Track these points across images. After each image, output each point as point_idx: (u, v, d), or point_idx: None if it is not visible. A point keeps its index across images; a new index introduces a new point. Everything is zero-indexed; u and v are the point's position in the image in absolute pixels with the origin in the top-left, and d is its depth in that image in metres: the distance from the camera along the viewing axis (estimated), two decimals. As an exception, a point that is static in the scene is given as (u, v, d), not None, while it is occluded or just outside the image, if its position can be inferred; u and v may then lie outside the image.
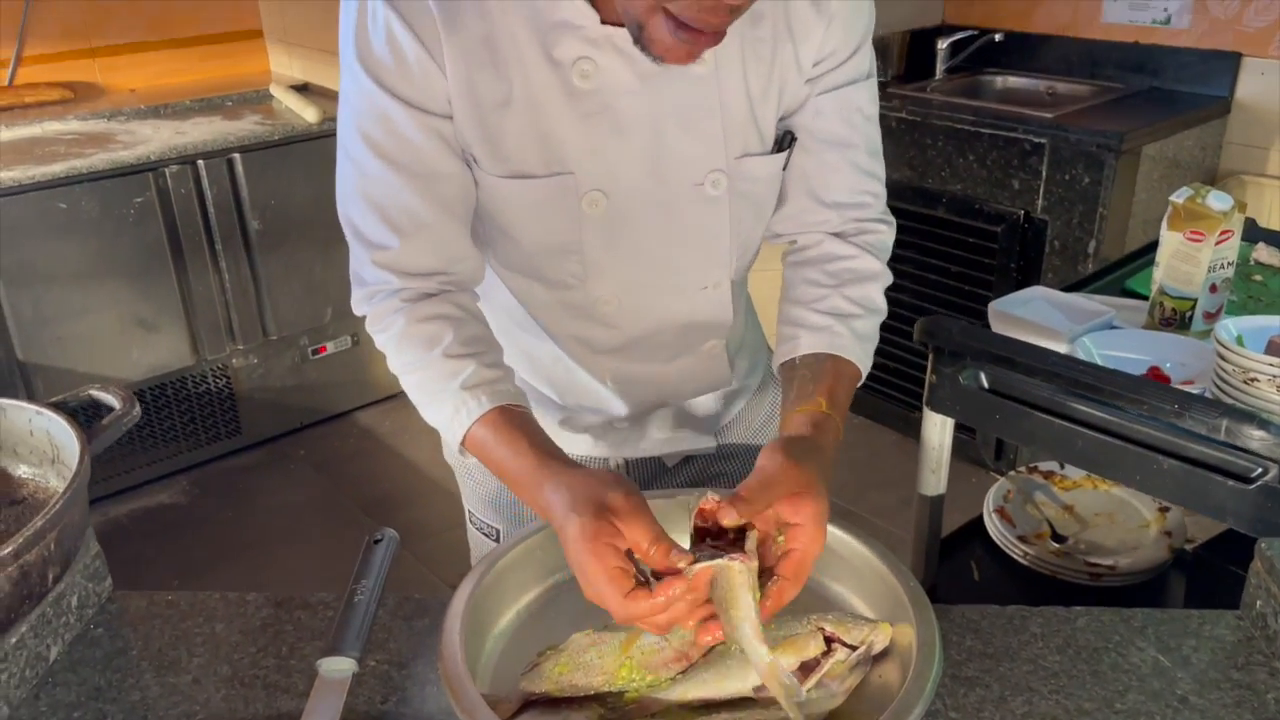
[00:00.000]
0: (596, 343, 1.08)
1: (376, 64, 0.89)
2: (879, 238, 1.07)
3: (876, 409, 3.11)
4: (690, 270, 1.04)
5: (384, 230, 0.94)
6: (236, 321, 2.96)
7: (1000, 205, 2.57)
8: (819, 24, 0.96)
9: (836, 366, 0.97)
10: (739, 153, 0.98)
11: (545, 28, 0.89)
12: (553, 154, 0.94)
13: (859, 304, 1.01)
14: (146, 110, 3.03)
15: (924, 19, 3.09)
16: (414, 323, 0.94)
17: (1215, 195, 1.43)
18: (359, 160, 0.93)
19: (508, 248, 1.03)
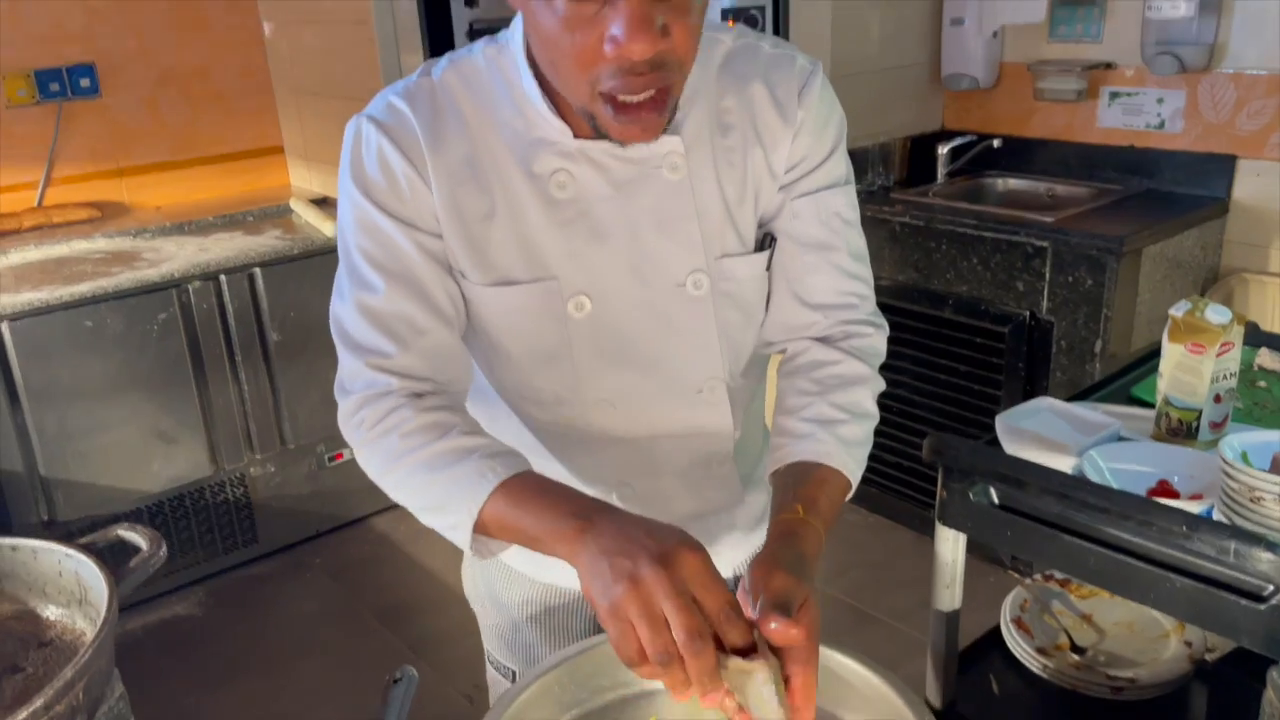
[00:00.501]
0: (599, 460, 1.10)
1: (370, 184, 0.96)
2: (867, 341, 1.08)
3: (892, 508, 3.11)
4: (681, 373, 1.05)
5: (379, 338, 0.97)
6: (255, 431, 3.00)
7: (1006, 306, 2.61)
8: (786, 132, 1.02)
9: (820, 474, 0.97)
10: (718, 253, 1.02)
11: (524, 145, 0.96)
12: (535, 260, 0.98)
13: (845, 409, 1.02)
14: (171, 227, 3.12)
15: (924, 125, 3.18)
16: (421, 413, 0.94)
17: (1213, 309, 1.46)
18: (357, 273, 0.98)
19: (502, 368, 1.05)
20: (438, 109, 0.97)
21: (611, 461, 1.10)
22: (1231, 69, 2.57)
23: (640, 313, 1.01)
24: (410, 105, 0.96)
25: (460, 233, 0.97)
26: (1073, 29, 2.85)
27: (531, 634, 1.19)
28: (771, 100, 1.01)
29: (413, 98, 0.97)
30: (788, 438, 1.00)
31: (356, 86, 3.03)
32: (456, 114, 0.97)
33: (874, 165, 3.02)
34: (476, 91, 0.98)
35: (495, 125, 0.97)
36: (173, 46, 3.29)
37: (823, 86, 1.04)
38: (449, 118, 0.97)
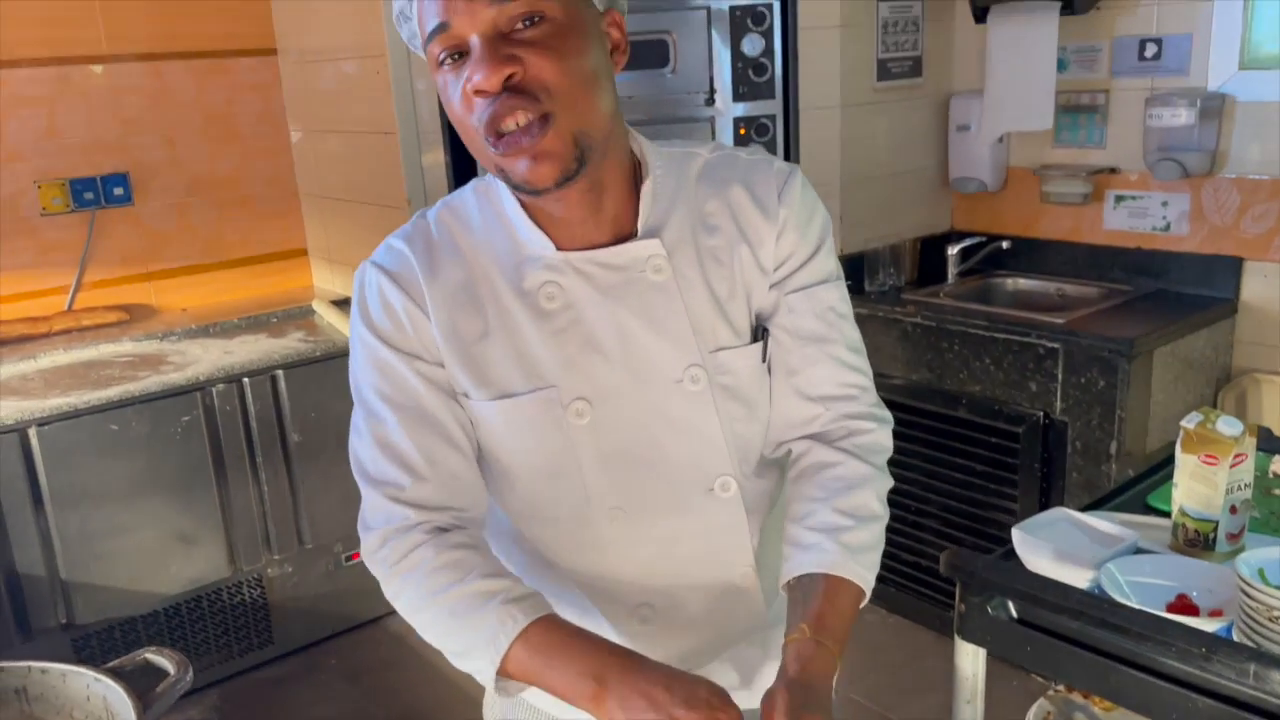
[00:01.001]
0: (616, 573, 1.10)
1: (375, 323, 1.02)
2: (870, 438, 1.09)
3: (912, 609, 3.08)
4: (688, 470, 1.06)
5: (395, 469, 1.01)
6: (273, 531, 3.02)
7: (1020, 407, 2.63)
8: (770, 229, 1.05)
9: (829, 586, 0.98)
10: (713, 347, 1.05)
11: (513, 264, 1.02)
12: (533, 371, 1.02)
13: (850, 514, 1.02)
14: (197, 330, 3.19)
15: (934, 226, 3.24)
16: (443, 551, 0.99)
17: (1225, 420, 1.48)
18: (370, 409, 1.03)
19: (510, 490, 1.08)
20: (432, 244, 1.04)
21: (629, 577, 1.10)
22: (1234, 174, 2.63)
23: (641, 412, 1.04)
24: (408, 245, 1.04)
25: (459, 354, 1.02)
26: (1076, 135, 2.93)
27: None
28: (752, 199, 1.06)
29: (410, 238, 1.05)
30: (795, 548, 1.02)
31: (380, 191, 3.13)
32: (451, 246, 1.04)
33: (885, 266, 3.07)
34: (467, 223, 1.05)
35: (486, 251, 1.03)
36: (204, 156, 3.41)
37: (803, 186, 1.08)
38: (444, 250, 1.04)
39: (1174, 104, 2.58)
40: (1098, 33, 2.81)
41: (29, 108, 3.08)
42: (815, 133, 2.87)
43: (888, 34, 2.91)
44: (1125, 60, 2.78)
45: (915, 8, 2.96)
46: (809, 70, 2.78)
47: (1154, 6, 2.70)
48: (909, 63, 2.99)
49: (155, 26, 3.24)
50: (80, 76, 3.15)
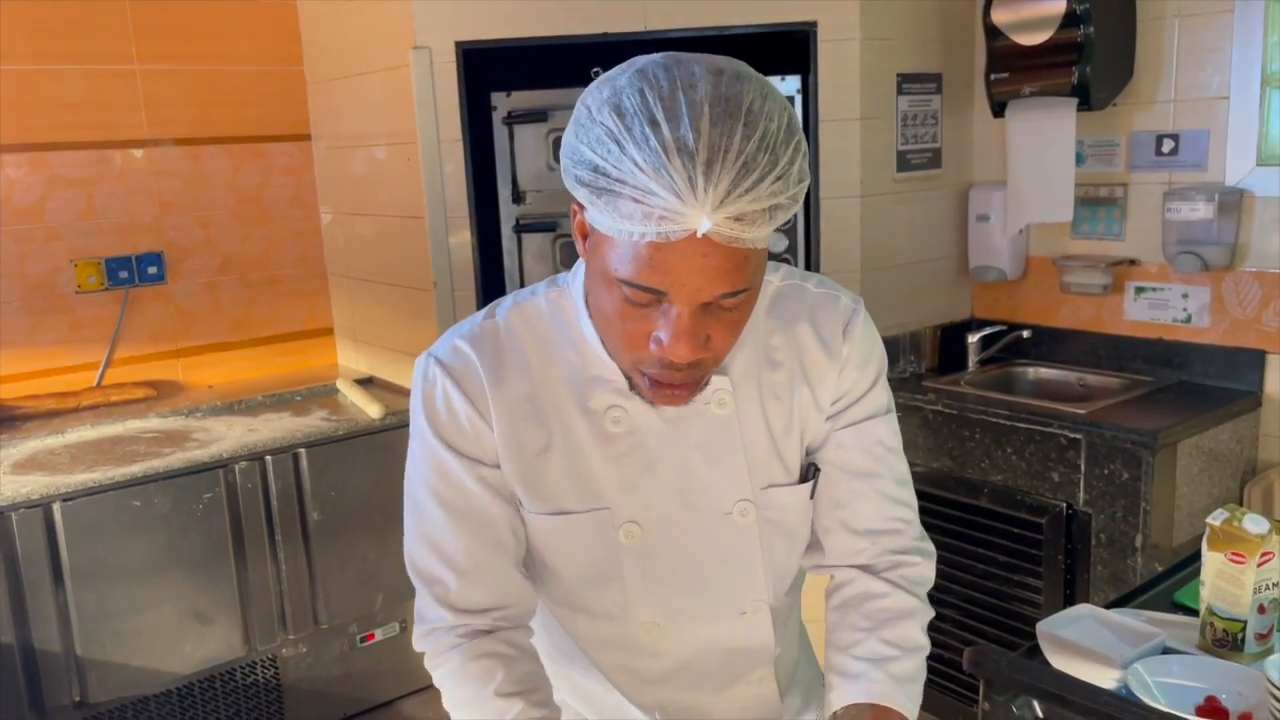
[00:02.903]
0: (643, 672, 1.12)
1: (437, 423, 1.03)
2: (916, 570, 1.11)
3: (935, 703, 3.01)
4: (727, 596, 1.09)
5: (442, 568, 1.03)
6: (289, 610, 3.00)
7: (1042, 497, 2.61)
8: (832, 368, 1.07)
9: (876, 715, 1.00)
10: (764, 484, 1.06)
11: (580, 382, 1.02)
12: (590, 491, 1.03)
13: (896, 645, 1.05)
14: (221, 407, 3.23)
15: (953, 314, 3.26)
16: (470, 660, 1.01)
17: (1251, 518, 1.46)
18: (421, 507, 1.04)
19: (553, 583, 1.09)
20: (500, 350, 1.04)
21: (653, 676, 1.12)
22: (1254, 267, 2.64)
23: (688, 539, 1.05)
24: (475, 348, 1.04)
25: (518, 465, 1.03)
26: (1095, 227, 2.96)
27: None
28: (818, 339, 1.07)
29: (477, 341, 1.04)
30: (842, 677, 1.04)
31: (407, 273, 3.18)
32: (519, 353, 1.04)
33: (905, 353, 3.08)
34: (538, 332, 1.05)
35: (555, 364, 1.04)
36: (236, 236, 3.49)
37: (865, 322, 1.11)
38: (511, 358, 1.04)
39: (1192, 199, 2.61)
40: (1115, 128, 2.86)
41: (70, 189, 3.17)
42: (836, 221, 2.91)
43: (907, 126, 2.97)
44: (1143, 155, 2.82)
45: (934, 101, 3.03)
46: (830, 161, 2.83)
47: (1170, 104, 2.75)
48: (928, 154, 3.04)
49: (194, 112, 3.35)
50: (121, 159, 3.25)
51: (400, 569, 1.09)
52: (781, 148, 0.83)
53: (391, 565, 3.06)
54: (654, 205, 0.81)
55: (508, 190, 3.01)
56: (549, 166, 2.98)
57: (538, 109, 2.94)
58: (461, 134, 2.90)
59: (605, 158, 0.83)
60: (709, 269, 0.84)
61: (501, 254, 3.05)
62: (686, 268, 0.84)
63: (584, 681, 1.15)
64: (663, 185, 0.80)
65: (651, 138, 0.81)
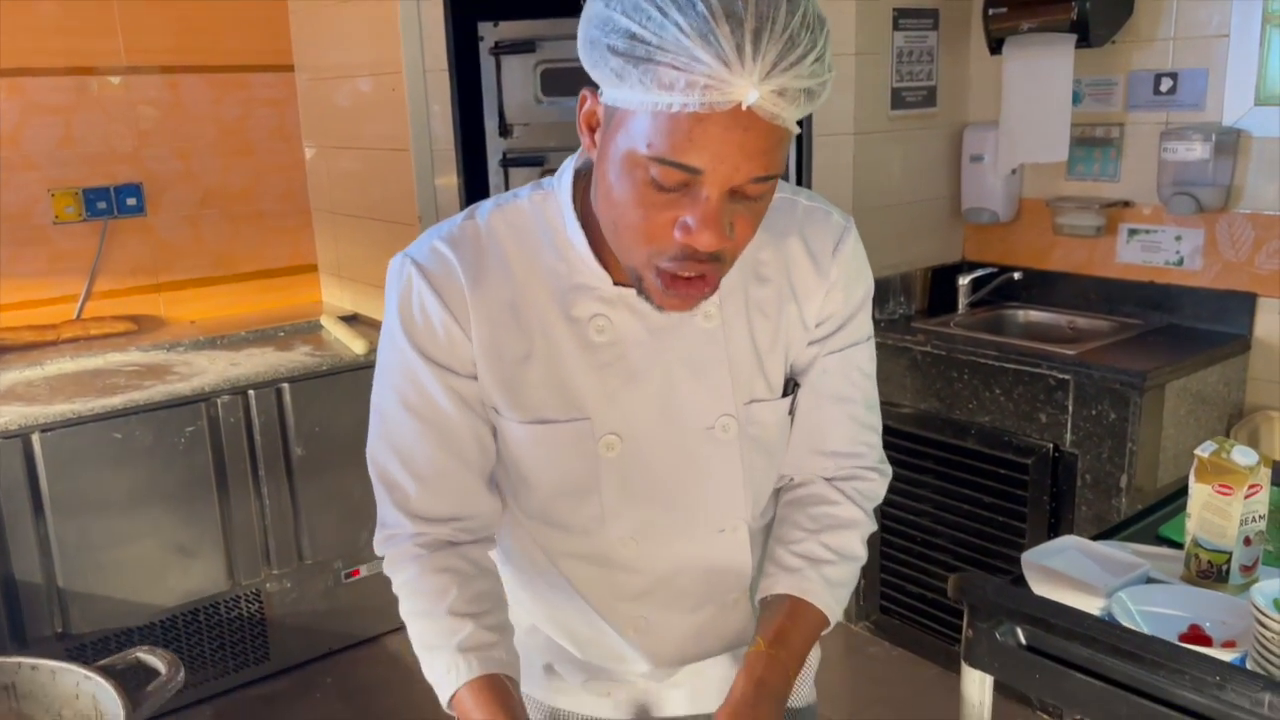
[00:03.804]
0: (618, 589, 1.10)
1: (410, 328, 1.00)
2: (869, 485, 1.13)
3: (917, 642, 3.03)
4: (705, 512, 1.08)
5: (404, 474, 1.01)
6: (273, 546, 2.99)
7: (1029, 438, 2.60)
8: (820, 286, 1.06)
9: (796, 608, 1.02)
10: (747, 399, 1.05)
11: (564, 289, 1.00)
12: (570, 401, 1.01)
13: (835, 551, 1.06)
14: (204, 342, 3.19)
15: (945, 256, 3.23)
16: (426, 573, 1.00)
17: (1240, 450, 1.45)
18: (388, 411, 1.03)
19: (529, 496, 1.08)
20: (480, 252, 1.00)
21: (629, 593, 1.11)
22: (1249, 209, 2.62)
23: (669, 453, 1.04)
24: (454, 250, 1.00)
25: (498, 373, 1.00)
26: (1090, 168, 2.92)
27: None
28: (808, 255, 1.05)
29: (457, 243, 1.01)
30: (778, 568, 1.05)
31: (391, 208, 3.13)
32: (500, 257, 1.00)
33: (895, 294, 3.06)
34: (521, 235, 1.01)
35: (538, 269, 1.00)
36: (217, 169, 3.42)
37: (855, 243, 1.09)
38: (492, 261, 1.00)
39: (1189, 138, 2.57)
40: (1113, 66, 2.82)
41: (45, 116, 3.10)
42: (828, 159, 2.87)
43: (902, 63, 2.92)
44: (1140, 94, 2.77)
45: (930, 37, 2.97)
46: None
47: (1169, 41, 2.70)
48: (923, 92, 2.99)
49: (174, 39, 3.27)
50: (97, 87, 3.17)
51: None
52: (818, 29, 0.81)
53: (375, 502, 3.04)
54: (699, 73, 0.78)
55: (494, 123, 2.95)
56: (537, 99, 2.93)
57: (525, 39, 2.87)
58: (447, 65, 2.84)
59: (645, 24, 0.79)
60: (747, 146, 0.81)
61: (488, 188, 3.00)
62: (727, 142, 0.81)
63: (557, 599, 1.14)
64: (709, 52, 0.77)
65: (698, 2, 0.77)
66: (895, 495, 2.88)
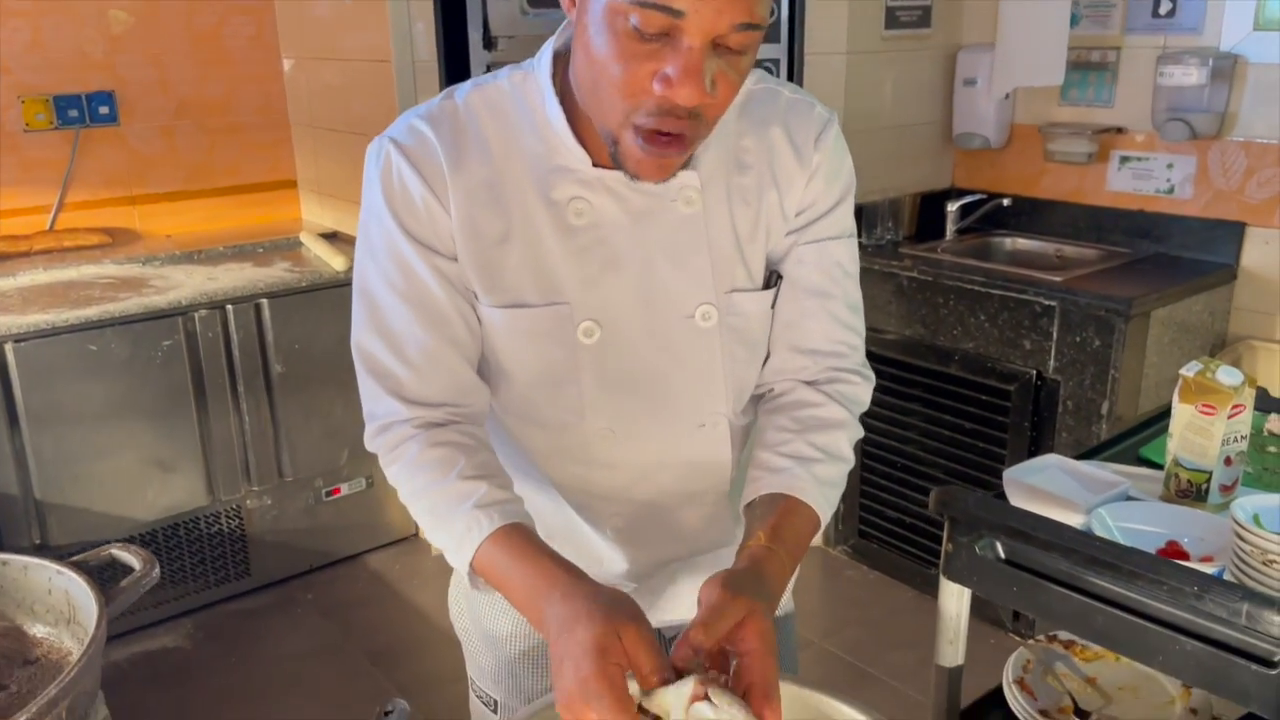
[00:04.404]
0: (597, 487, 1.09)
1: (393, 206, 0.98)
2: (852, 389, 1.10)
3: (894, 565, 3.07)
4: (685, 404, 1.06)
5: (394, 361, 0.99)
6: (253, 462, 2.98)
7: (1012, 365, 2.60)
8: (802, 175, 1.04)
9: (789, 506, 0.98)
10: (728, 288, 1.03)
11: (544, 171, 0.98)
12: (548, 285, 0.99)
13: (822, 450, 1.03)
14: (180, 256, 3.13)
15: (934, 182, 3.20)
16: (427, 448, 0.97)
17: (1225, 370, 1.45)
18: (374, 296, 1.00)
19: (507, 389, 1.06)
20: (459, 131, 0.98)
21: (609, 493, 1.09)
22: (1242, 137, 2.59)
23: (648, 342, 1.02)
24: (433, 128, 0.98)
25: (475, 254, 0.98)
26: (1084, 93, 2.88)
27: (520, 665, 1.18)
28: (790, 143, 1.04)
29: (435, 121, 0.98)
30: (763, 471, 1.02)
31: (373, 123, 3.06)
32: (479, 137, 0.98)
33: (883, 220, 3.03)
34: (500, 115, 0.99)
35: (517, 150, 0.98)
36: (193, 79, 3.33)
37: (837, 136, 1.07)
38: (471, 140, 0.98)
39: (1185, 63, 2.53)
40: (1112, -12, 2.76)
41: (13, 19, 2.99)
42: (820, 79, 2.81)
43: (897, -19, 2.85)
44: (1139, 17, 2.72)
45: (927, -45, 2.90)
46: (817, 14, 2.72)
47: (1170, -37, 2.65)
48: (918, 12, 2.93)
49: (146, -59, 3.15)
50: (67, -11, 3.06)
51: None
52: None
53: (357, 420, 2.99)
54: None
55: (479, 35, 2.87)
56: (522, 10, 2.84)
57: (511, -53, 2.78)
58: (430, -28, 2.75)
59: None
60: None
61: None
62: None
63: (536, 499, 1.13)
64: None
65: None
66: (876, 421, 2.89)
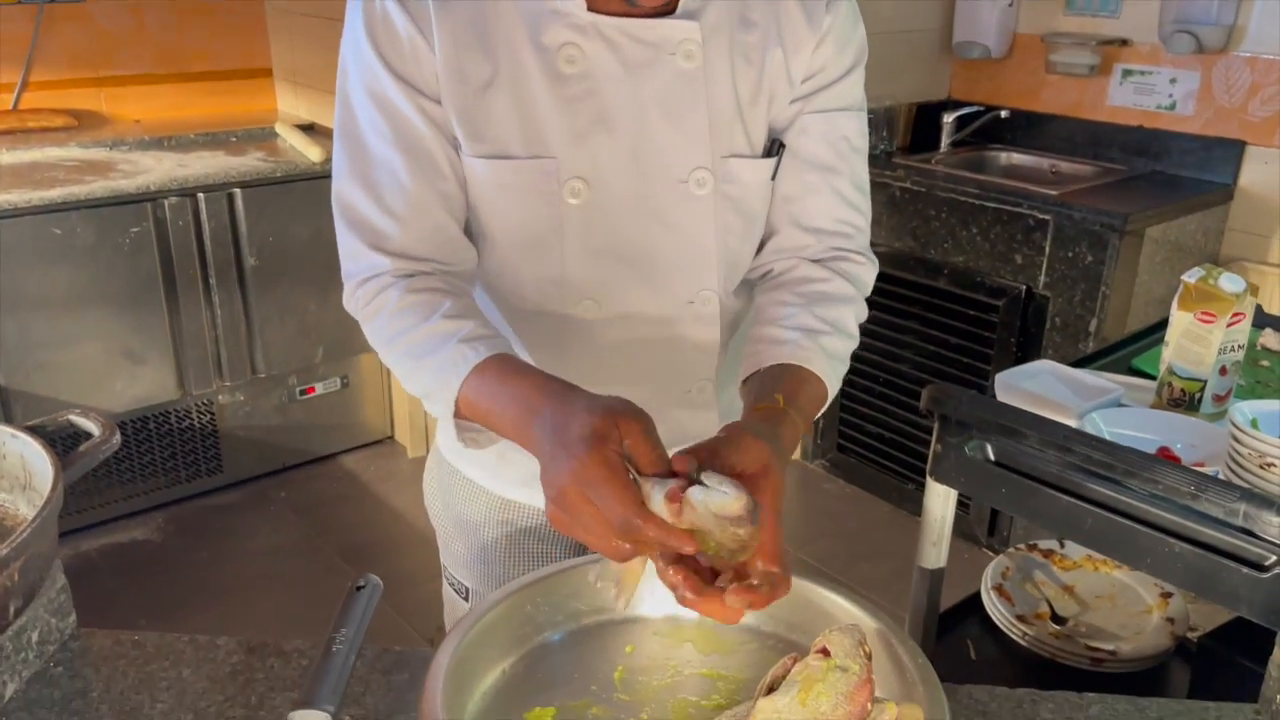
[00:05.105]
0: (577, 364, 1.03)
1: (376, 41, 0.91)
2: (857, 269, 1.04)
3: (870, 479, 3.07)
4: (675, 276, 1.00)
5: (377, 212, 0.92)
6: (225, 357, 2.92)
7: (1002, 279, 2.56)
8: (811, 37, 0.97)
9: (797, 375, 0.92)
10: (725, 153, 0.97)
11: (534, 13, 0.91)
12: (534, 136, 0.93)
13: (829, 323, 0.97)
14: (149, 141, 3.02)
15: (931, 93, 3.12)
16: (408, 294, 0.91)
17: (1227, 277, 1.42)
18: (359, 141, 0.93)
19: (489, 252, 1.00)
20: None
21: (589, 368, 1.04)
22: (1248, 52, 2.52)
23: (638, 206, 0.96)
24: None
25: (459, 98, 0.92)
26: (1090, 2, 2.79)
27: (492, 553, 1.14)
28: (800, 4, 0.97)
29: None
30: (766, 344, 0.95)
31: (352, 9, 2.93)
32: None
33: (878, 129, 2.96)
34: None
35: None
36: (163, -46, 3.18)
37: (851, 4, 1.01)
38: None
39: (1197, -28, 2.45)
40: (1126, -108, 2.66)
41: (-30, -119, 2.83)
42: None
43: (905, -124, 2.73)
44: (1151, -77, 2.63)
45: None
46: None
47: None
48: (924, -90, 2.82)
49: None
50: None
51: (342, 323, 0.98)
52: None
53: (333, 318, 2.97)
54: None
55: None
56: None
57: None
58: None
59: None
60: None
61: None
62: None
63: None
64: None
65: None
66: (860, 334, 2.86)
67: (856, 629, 0.78)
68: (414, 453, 3.29)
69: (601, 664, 0.85)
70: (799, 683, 0.74)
